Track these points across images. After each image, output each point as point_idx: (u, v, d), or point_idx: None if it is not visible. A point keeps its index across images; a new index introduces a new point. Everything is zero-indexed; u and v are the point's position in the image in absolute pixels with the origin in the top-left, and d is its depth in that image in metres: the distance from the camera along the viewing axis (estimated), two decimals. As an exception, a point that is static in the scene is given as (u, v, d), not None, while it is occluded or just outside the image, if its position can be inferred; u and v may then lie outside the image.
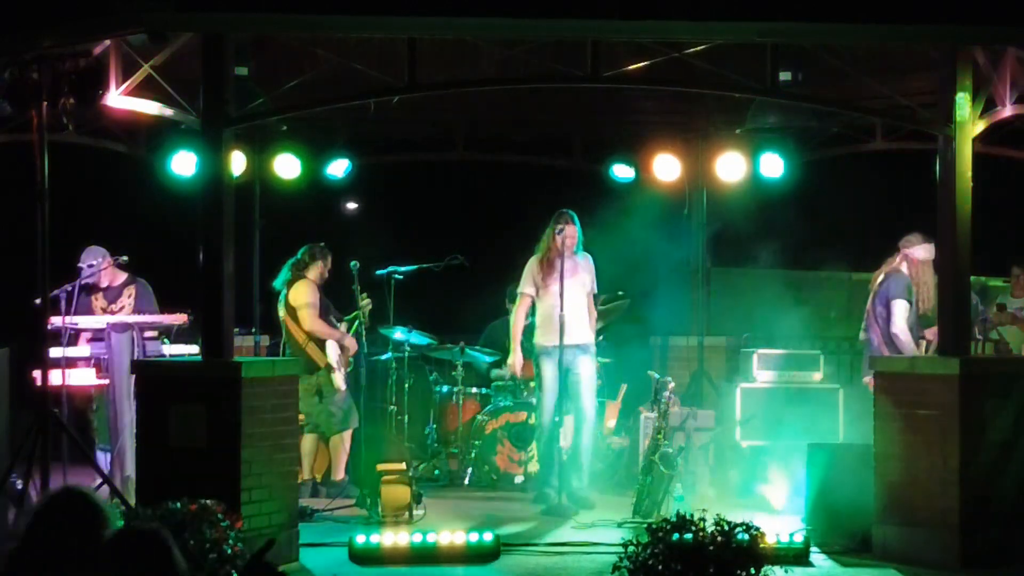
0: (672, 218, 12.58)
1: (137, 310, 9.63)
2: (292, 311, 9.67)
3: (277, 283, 9.81)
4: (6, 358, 8.21)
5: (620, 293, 10.73)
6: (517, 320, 9.61)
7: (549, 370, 9.40)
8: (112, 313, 9.58)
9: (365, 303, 9.70)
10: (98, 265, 9.60)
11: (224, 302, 7.59)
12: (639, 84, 9.17)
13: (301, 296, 9.65)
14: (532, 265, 9.53)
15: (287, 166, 11.34)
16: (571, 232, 9.34)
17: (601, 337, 10.61)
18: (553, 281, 9.29)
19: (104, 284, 9.72)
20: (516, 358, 9.56)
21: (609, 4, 7.47)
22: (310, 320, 9.60)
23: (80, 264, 9.61)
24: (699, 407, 10.78)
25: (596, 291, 9.59)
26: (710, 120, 12.19)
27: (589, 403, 9.44)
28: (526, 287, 9.54)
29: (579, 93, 11.38)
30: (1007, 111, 8.11)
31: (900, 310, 9.00)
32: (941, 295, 7.96)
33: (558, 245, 9.29)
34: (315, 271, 9.77)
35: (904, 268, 9.11)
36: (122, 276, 9.82)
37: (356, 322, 9.75)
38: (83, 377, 9.23)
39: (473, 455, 10.22)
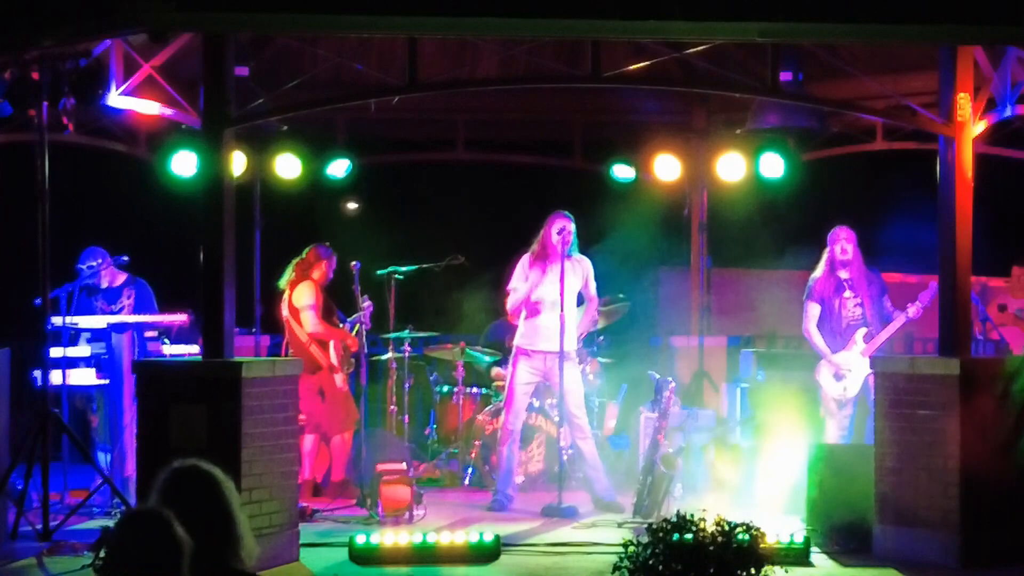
0: (672, 218, 12.58)
1: (136, 311, 9.64)
2: (294, 312, 9.68)
3: (281, 282, 9.81)
4: (6, 358, 8.21)
5: (621, 296, 10.72)
6: (515, 316, 9.44)
7: (524, 374, 9.29)
8: (111, 313, 9.59)
9: (364, 306, 9.70)
10: (98, 266, 9.61)
11: (224, 302, 7.59)
12: (639, 84, 9.15)
13: (303, 298, 9.65)
14: (524, 261, 9.33)
15: (287, 166, 11.33)
16: (570, 230, 9.17)
17: (601, 338, 10.60)
18: (542, 283, 9.22)
19: (103, 285, 9.73)
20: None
21: (609, 4, 7.47)
22: (312, 322, 9.60)
23: (79, 265, 9.61)
24: (699, 407, 10.79)
25: (596, 294, 9.42)
26: (710, 120, 12.20)
27: (580, 412, 9.29)
28: (518, 281, 9.30)
29: (579, 93, 11.39)
30: (1008, 111, 8.11)
31: (805, 314, 9.51)
32: (941, 295, 7.97)
33: (553, 243, 9.19)
34: (319, 272, 9.76)
35: (824, 266, 9.47)
36: (121, 277, 9.83)
37: (357, 326, 9.74)
38: (83, 377, 9.24)
39: (473, 455, 10.21)
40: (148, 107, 8.50)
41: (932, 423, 7.67)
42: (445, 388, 10.82)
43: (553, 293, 9.06)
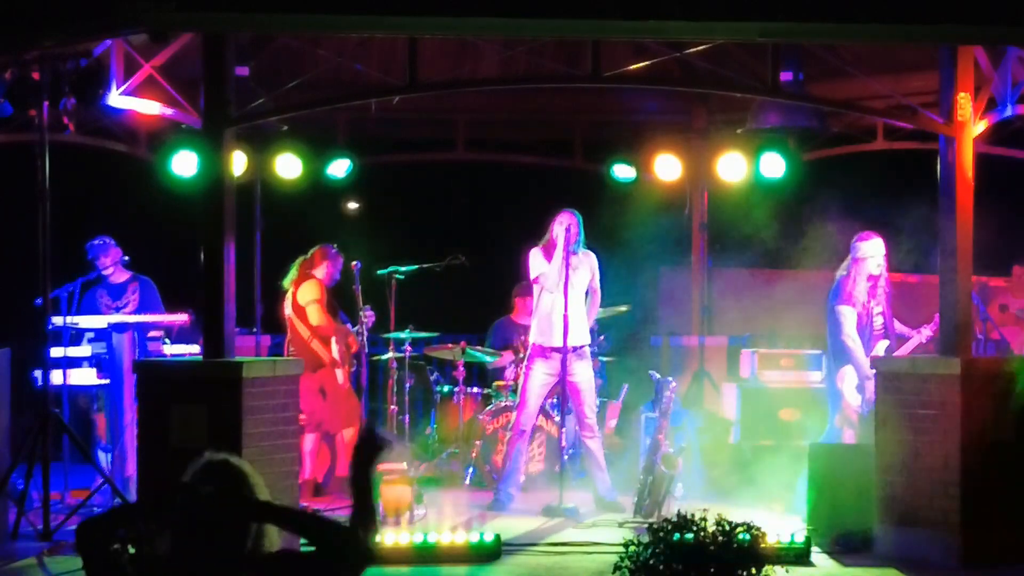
0: (673, 218, 12.57)
1: (141, 307, 9.65)
2: (299, 309, 9.69)
3: (285, 282, 9.83)
4: (7, 358, 8.21)
5: (623, 308, 10.71)
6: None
7: (539, 373, 9.28)
8: (116, 309, 9.61)
9: (366, 317, 9.71)
10: (103, 244, 9.63)
11: (225, 302, 7.59)
12: (640, 84, 9.16)
13: (308, 294, 9.68)
14: (537, 251, 9.25)
15: (288, 166, 11.34)
16: (575, 227, 9.09)
17: (602, 337, 10.60)
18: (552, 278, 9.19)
19: (108, 273, 9.73)
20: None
21: (610, 4, 7.47)
22: (317, 315, 9.62)
23: (90, 246, 9.64)
24: (700, 407, 10.79)
25: (599, 287, 9.40)
26: (711, 120, 12.19)
27: (591, 412, 9.30)
28: (542, 267, 9.13)
29: (580, 93, 11.39)
30: (1008, 111, 8.11)
31: (844, 319, 9.01)
32: (942, 295, 7.97)
33: (554, 238, 9.12)
34: (323, 270, 9.79)
35: (849, 269, 9.16)
36: (127, 274, 9.85)
37: (359, 328, 9.76)
38: (83, 377, 9.25)
39: (474, 455, 10.21)
40: (148, 107, 8.50)
41: (933, 423, 7.67)
42: (446, 388, 10.82)
43: (561, 287, 9.04)
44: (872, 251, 9.09)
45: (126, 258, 9.77)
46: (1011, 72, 8.07)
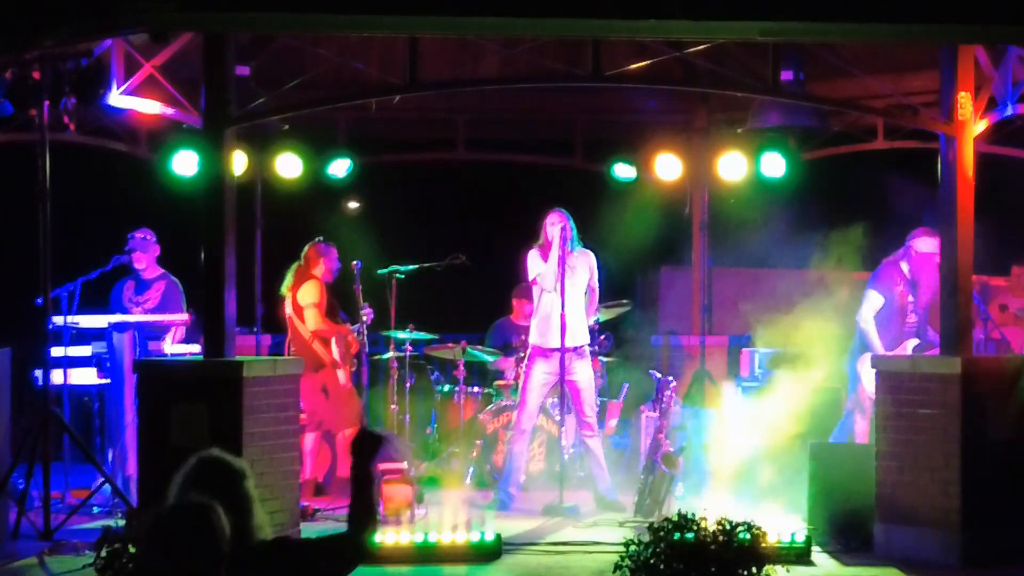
0: (673, 218, 12.57)
1: (160, 306, 9.67)
2: (299, 310, 9.70)
3: (283, 289, 9.84)
4: (7, 358, 8.22)
5: (624, 302, 10.72)
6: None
7: (539, 373, 9.27)
8: (137, 304, 9.65)
9: (364, 313, 9.73)
10: (143, 240, 9.65)
11: (225, 301, 7.60)
12: (641, 83, 9.15)
13: (307, 296, 9.69)
14: (535, 252, 9.24)
15: (288, 165, 11.35)
16: (565, 225, 9.09)
17: (603, 336, 10.61)
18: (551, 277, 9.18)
19: (140, 267, 9.74)
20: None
21: (610, 3, 7.47)
22: (314, 319, 9.63)
23: (131, 238, 9.67)
24: (700, 407, 10.79)
25: (596, 285, 9.39)
26: (711, 119, 12.19)
27: (591, 411, 9.30)
28: (539, 267, 9.12)
29: (580, 92, 11.39)
30: (1009, 110, 8.10)
31: (866, 300, 9.21)
32: (942, 294, 7.97)
33: (549, 239, 9.12)
34: (320, 268, 9.80)
35: (899, 260, 9.20)
36: (158, 271, 9.87)
37: (357, 328, 9.77)
38: (84, 377, 9.25)
39: (474, 454, 10.21)
40: (149, 106, 8.51)
41: (933, 422, 7.67)
42: (446, 387, 10.82)
43: (559, 286, 9.03)
44: (910, 238, 9.16)
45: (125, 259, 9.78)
46: (1011, 71, 8.06)
